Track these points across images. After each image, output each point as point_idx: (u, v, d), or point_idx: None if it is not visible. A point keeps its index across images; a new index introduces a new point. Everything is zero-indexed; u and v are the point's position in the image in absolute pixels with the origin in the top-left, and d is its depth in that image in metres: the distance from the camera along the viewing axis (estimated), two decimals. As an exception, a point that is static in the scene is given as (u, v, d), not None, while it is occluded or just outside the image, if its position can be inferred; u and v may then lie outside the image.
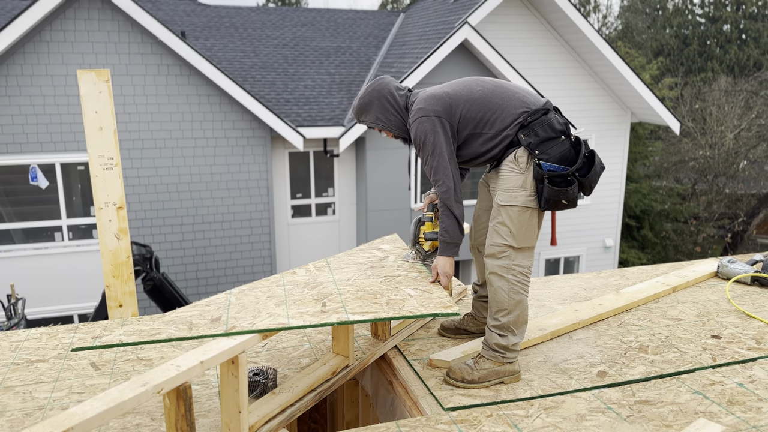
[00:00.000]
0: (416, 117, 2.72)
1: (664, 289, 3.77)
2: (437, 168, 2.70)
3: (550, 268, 13.92)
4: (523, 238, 2.69)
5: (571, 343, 3.17)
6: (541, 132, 2.62)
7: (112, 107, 3.38)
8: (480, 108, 2.70)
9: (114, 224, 3.47)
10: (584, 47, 12.55)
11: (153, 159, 11.02)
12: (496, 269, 2.71)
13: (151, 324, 2.35)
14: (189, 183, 11.26)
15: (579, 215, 13.72)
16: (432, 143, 2.68)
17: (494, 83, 2.77)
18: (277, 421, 2.42)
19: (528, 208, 2.67)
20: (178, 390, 2.00)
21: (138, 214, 11.09)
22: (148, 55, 10.61)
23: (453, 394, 2.68)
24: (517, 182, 2.66)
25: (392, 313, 2.44)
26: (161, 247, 11.32)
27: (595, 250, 14.13)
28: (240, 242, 11.69)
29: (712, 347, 3.11)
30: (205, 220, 11.46)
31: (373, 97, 2.83)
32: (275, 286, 2.73)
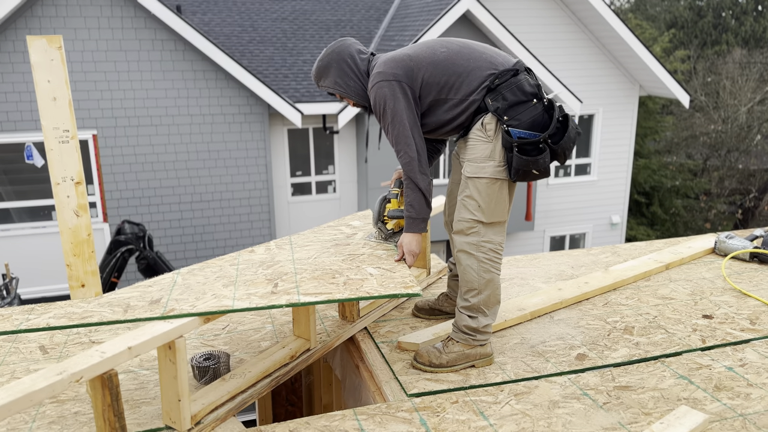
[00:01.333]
0: (375, 81, 2.50)
1: (656, 267, 3.56)
2: (398, 137, 2.49)
3: (555, 245, 13.69)
4: (493, 212, 2.49)
5: (552, 324, 2.99)
6: (509, 95, 2.40)
7: (66, 76, 3.18)
8: (444, 71, 2.48)
9: (73, 200, 3.30)
10: (591, 18, 12.16)
11: (149, 137, 10.86)
12: (465, 246, 2.52)
13: (85, 306, 2.19)
14: (186, 161, 11.10)
15: (585, 191, 13.46)
16: (392, 110, 2.47)
17: (460, 44, 2.55)
18: (225, 409, 2.26)
19: (497, 180, 2.46)
20: (102, 378, 1.84)
21: (135, 192, 10.97)
22: (141, 30, 10.39)
23: (419, 379, 2.51)
24: (484, 152, 2.45)
25: (348, 294, 2.26)
26: (159, 225, 11.21)
27: (602, 227, 13.87)
28: (239, 220, 11.56)
29: (703, 328, 2.91)
30: (204, 198, 11.32)
31: (331, 59, 2.60)
32: (228, 266, 2.56)
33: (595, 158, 13.35)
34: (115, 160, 10.77)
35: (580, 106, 11.97)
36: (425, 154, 2.54)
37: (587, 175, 13.46)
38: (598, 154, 13.31)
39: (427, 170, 2.55)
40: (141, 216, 11.08)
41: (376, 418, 2.25)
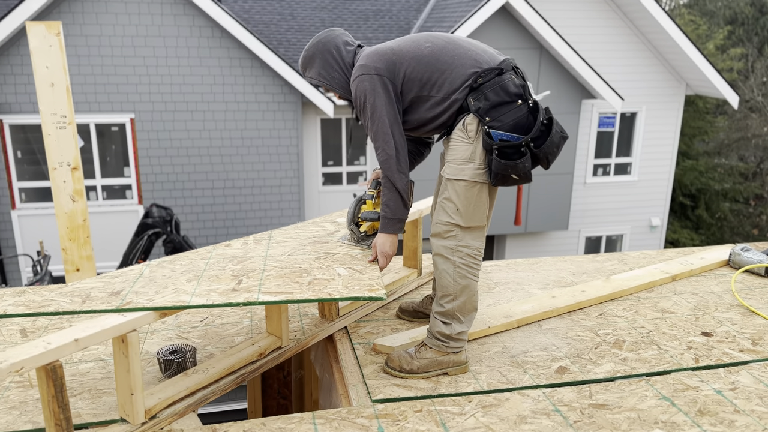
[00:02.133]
0: (356, 75, 2.41)
1: (661, 277, 3.39)
2: (377, 133, 2.40)
3: (591, 246, 13.35)
4: (472, 217, 2.39)
5: (539, 333, 2.87)
6: (492, 96, 2.29)
7: (65, 62, 3.22)
8: (427, 67, 2.38)
9: (69, 186, 3.34)
10: (636, 12, 11.73)
11: (185, 122, 11.02)
12: (441, 250, 2.43)
13: (47, 295, 2.20)
14: (220, 147, 11.24)
15: (623, 192, 13.06)
16: (371, 105, 2.38)
17: (446, 39, 2.44)
18: (183, 405, 2.24)
19: (476, 183, 2.36)
20: (46, 369, 1.84)
21: (170, 176, 11.17)
22: (180, 16, 10.53)
23: (388, 384, 2.44)
24: (464, 153, 2.35)
25: (309, 294, 2.20)
26: (192, 210, 11.40)
27: (641, 229, 13.44)
28: (270, 208, 11.65)
29: (699, 346, 2.75)
30: (236, 184, 11.45)
31: (316, 50, 2.51)
32: (199, 259, 2.54)
33: (636, 158, 12.93)
34: (151, 144, 10.98)
35: (621, 103, 11.60)
36: (405, 152, 2.45)
37: (627, 174, 13.06)
38: (639, 153, 12.88)
39: (407, 169, 2.46)
40: (174, 200, 11.29)
41: (333, 423, 2.19)
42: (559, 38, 10.95)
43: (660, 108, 12.69)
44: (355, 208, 2.68)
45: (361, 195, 2.70)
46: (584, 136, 12.49)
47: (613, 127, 12.69)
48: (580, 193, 12.79)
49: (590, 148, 12.61)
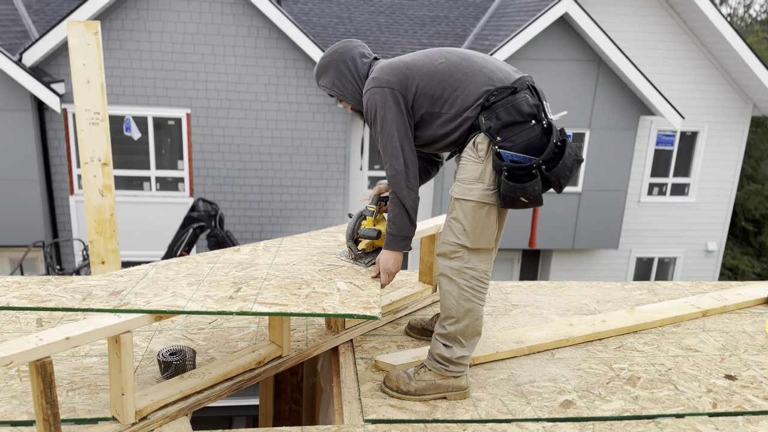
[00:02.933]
0: (368, 87, 2.38)
1: (690, 312, 3.22)
2: (385, 147, 2.36)
3: (642, 267, 12.89)
4: (479, 239, 2.32)
5: (550, 363, 2.76)
6: (503, 115, 2.22)
7: (101, 61, 3.31)
8: (439, 83, 2.32)
9: (98, 180, 3.43)
10: (703, 29, 11.27)
11: (238, 120, 11.25)
12: (447, 271, 2.36)
13: (51, 289, 2.25)
14: (270, 146, 11.41)
15: (679, 213, 12.56)
16: (381, 118, 2.34)
17: (461, 55, 2.38)
18: (176, 408, 2.25)
19: (485, 204, 2.28)
20: (36, 365, 1.87)
21: (221, 171, 11.41)
22: (239, 16, 10.75)
23: (383, 404, 2.40)
24: (474, 173, 2.28)
25: (304, 308, 2.18)
26: (240, 205, 11.62)
27: (696, 253, 12.89)
28: (315, 208, 11.76)
29: (720, 390, 2.58)
30: (283, 183, 11.60)
31: (332, 59, 2.50)
32: (205, 263, 2.55)
33: (695, 179, 12.41)
34: (204, 139, 11.24)
35: (681, 121, 11.16)
36: (415, 167, 2.40)
37: (685, 196, 12.55)
38: (698, 174, 12.36)
39: (416, 185, 2.40)
40: (224, 194, 11.53)
41: (320, 439, 2.16)
42: (619, 52, 10.63)
43: (723, 128, 12.15)
44: (355, 223, 2.62)
45: (362, 210, 2.65)
46: (641, 153, 12.08)
47: (672, 146, 12.22)
48: (633, 211, 12.37)
49: (647, 166, 12.18)
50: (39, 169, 10.84)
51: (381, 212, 2.63)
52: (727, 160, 12.35)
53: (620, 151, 11.54)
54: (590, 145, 11.47)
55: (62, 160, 11.11)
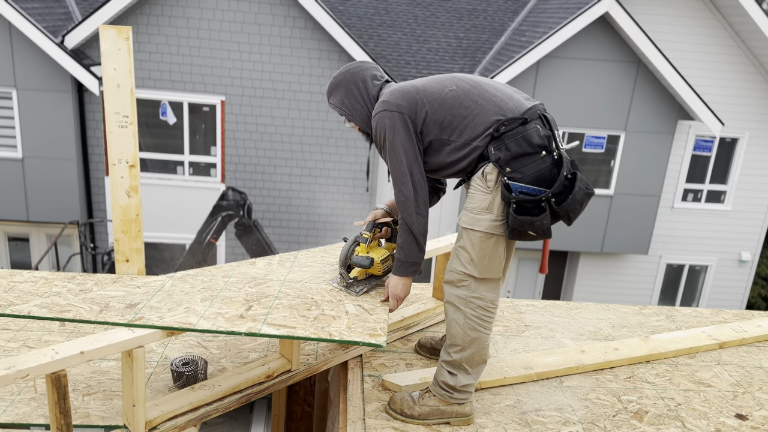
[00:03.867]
0: (378, 111, 2.37)
1: (706, 343, 3.17)
2: (394, 172, 2.36)
3: (672, 274, 12.66)
4: (486, 269, 2.32)
5: (558, 391, 2.76)
6: (513, 146, 2.20)
7: (131, 66, 3.38)
8: (449, 111, 2.31)
9: (126, 181, 3.52)
10: (748, 32, 10.92)
11: (271, 108, 11.34)
12: (453, 299, 2.37)
13: (70, 299, 2.33)
14: (301, 136, 11.49)
15: (714, 221, 12.27)
16: (391, 142, 2.33)
17: (471, 83, 2.35)
18: (185, 419, 2.33)
19: (493, 235, 2.28)
20: (52, 378, 1.95)
21: (252, 159, 11.54)
22: (276, 5, 10.80)
23: (386, 426, 2.43)
24: (482, 203, 2.27)
25: (311, 332, 2.22)
26: (269, 193, 11.74)
27: (729, 262, 12.60)
28: (342, 199, 11.82)
29: (728, 430, 2.55)
30: (312, 173, 11.68)
31: (343, 79, 2.50)
32: (220, 277, 2.61)
33: (732, 186, 12.11)
34: (237, 126, 11.37)
35: (720, 128, 10.88)
36: (425, 192, 2.39)
37: (720, 203, 12.25)
38: (736, 182, 12.05)
39: (425, 211, 2.40)
40: (254, 182, 11.67)
41: (322, 460, 2.21)
42: (659, 54, 10.38)
43: (765, 136, 11.80)
44: (348, 250, 2.57)
45: (356, 236, 2.61)
46: (677, 158, 11.82)
47: (710, 152, 11.93)
48: (666, 217, 12.14)
49: (682, 171, 11.92)
50: (77, 149, 11.12)
51: (375, 239, 2.62)
52: (767, 168, 12.01)
53: (656, 155, 11.31)
54: (625, 148, 11.27)
55: (99, 141, 11.37)
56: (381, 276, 2.64)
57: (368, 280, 2.60)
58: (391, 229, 2.69)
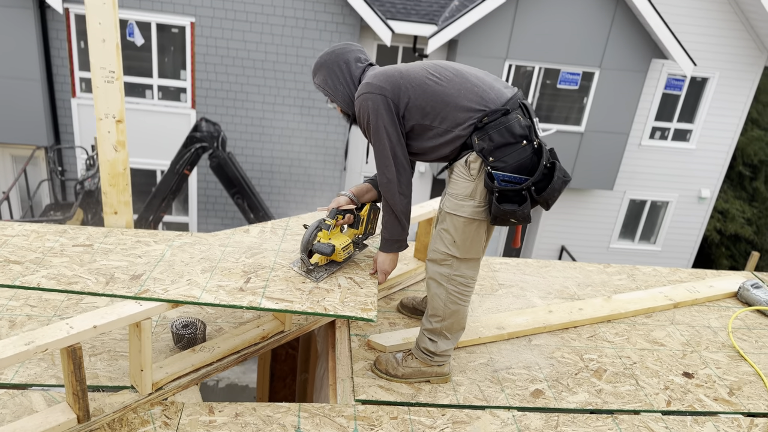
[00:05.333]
0: (361, 93, 2.43)
1: (662, 304, 3.46)
2: (378, 155, 2.45)
3: (634, 209, 13.13)
4: (468, 250, 2.49)
5: (527, 349, 3.03)
6: (496, 137, 2.31)
7: (116, 20, 3.33)
8: (431, 97, 2.38)
9: (113, 136, 3.54)
10: (728, -29, 10.90)
11: (243, 32, 11.04)
12: (436, 276, 2.55)
13: (77, 270, 2.44)
14: (275, 62, 11.27)
15: (678, 159, 12.65)
16: (374, 125, 2.40)
17: (454, 71, 2.43)
18: (187, 379, 2.52)
19: (475, 220, 2.44)
20: (68, 351, 2.10)
21: (224, 84, 11.33)
22: None
23: (372, 384, 2.67)
24: (465, 190, 2.41)
25: (307, 306, 2.39)
26: (242, 121, 11.62)
27: (689, 198, 13.11)
28: (316, 129, 11.78)
29: (675, 388, 2.87)
30: (286, 102, 11.55)
31: (328, 59, 2.55)
32: (217, 246, 2.74)
33: (698, 126, 12.41)
34: (208, 50, 11.08)
35: (692, 68, 11.03)
36: (408, 174, 2.50)
37: (685, 142, 12.59)
38: (702, 122, 12.35)
39: (408, 191, 2.51)
40: (226, 108, 11.50)
41: (316, 418, 2.44)
42: (637, -9, 10.34)
43: (734, 77, 12.01)
44: (310, 236, 2.60)
45: (319, 221, 2.64)
46: (648, 96, 12.01)
47: (681, 91, 12.13)
48: (633, 154, 12.46)
49: (652, 109, 12.14)
50: (40, 69, 10.74)
51: (337, 226, 2.68)
52: (733, 109, 12.31)
53: (628, 93, 11.47)
54: (598, 86, 11.38)
55: (63, 61, 10.98)
56: (342, 263, 2.70)
57: (329, 266, 2.66)
58: (354, 216, 2.76)
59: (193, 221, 12.38)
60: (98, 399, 2.36)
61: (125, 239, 3.45)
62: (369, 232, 2.84)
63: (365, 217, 2.78)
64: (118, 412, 2.33)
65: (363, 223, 2.78)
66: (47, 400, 2.36)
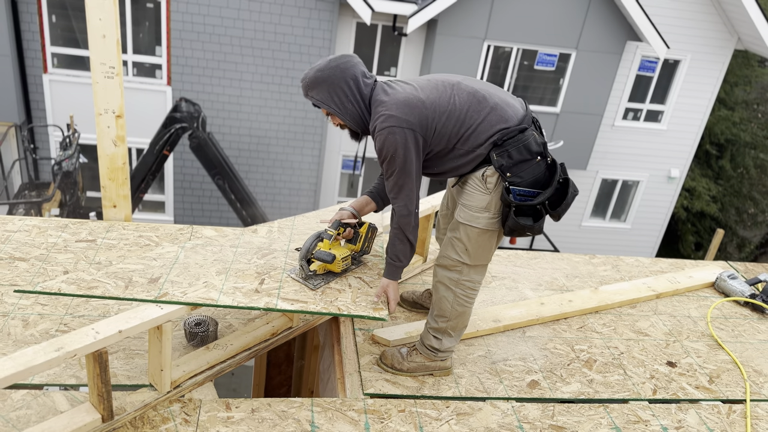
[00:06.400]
0: (387, 125, 2.39)
1: (646, 295, 3.66)
2: (402, 188, 2.47)
3: (606, 188, 13.46)
4: (479, 257, 2.61)
5: (521, 341, 3.19)
6: (515, 154, 2.41)
7: (117, 16, 3.32)
8: (456, 121, 2.43)
9: (112, 131, 3.56)
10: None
11: (220, 8, 10.87)
12: (445, 280, 2.66)
13: (95, 274, 2.50)
14: (252, 39, 11.15)
15: (649, 139, 12.97)
16: (402, 159, 2.40)
17: (469, 90, 2.47)
18: (203, 376, 2.62)
19: (488, 230, 2.55)
20: (95, 355, 2.17)
21: (200, 61, 11.18)
22: None
23: (379, 378, 2.80)
24: (481, 202, 2.50)
25: (321, 306, 2.50)
26: (219, 98, 11.50)
27: (659, 178, 13.47)
28: (295, 108, 11.74)
29: (660, 377, 3.07)
30: (264, 79, 11.46)
31: (331, 75, 2.44)
32: (228, 247, 2.82)
33: (669, 107, 12.72)
34: (184, 26, 10.90)
35: (666, 51, 11.26)
36: (419, 207, 2.56)
37: (657, 122, 12.90)
38: (674, 103, 12.65)
39: (418, 222, 2.59)
40: (202, 86, 11.37)
41: (328, 413, 2.57)
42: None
43: (705, 59, 12.30)
44: (311, 244, 2.65)
45: (319, 232, 2.70)
46: (622, 77, 12.23)
47: (653, 72, 12.38)
48: (606, 134, 12.72)
49: (626, 90, 12.39)
50: (10, 44, 10.45)
51: (338, 239, 2.74)
52: (703, 91, 12.62)
53: (603, 75, 11.67)
54: (575, 67, 11.55)
55: (34, 35, 10.70)
56: (339, 274, 2.74)
57: (326, 276, 2.70)
58: (354, 231, 2.80)
59: (169, 200, 12.30)
60: (119, 398, 2.44)
61: (127, 234, 3.50)
62: (365, 250, 2.87)
63: (363, 234, 2.82)
64: (139, 410, 2.42)
65: (361, 240, 2.82)
66: (69, 399, 2.43)
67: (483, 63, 11.48)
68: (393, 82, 2.53)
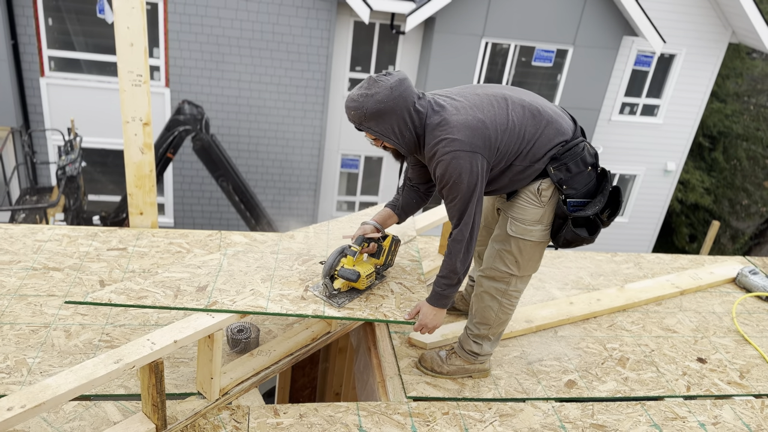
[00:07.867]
0: (450, 149, 2.28)
1: (670, 291, 3.71)
2: (462, 213, 2.37)
3: (603, 181, 13.54)
4: (528, 268, 2.63)
5: (554, 340, 3.23)
6: (573, 167, 2.40)
7: (144, 25, 3.32)
8: (516, 139, 2.40)
9: (140, 138, 3.56)
10: (697, -49, 11.17)
11: (218, 9, 10.83)
12: (492, 290, 2.67)
13: (142, 284, 2.51)
14: (250, 39, 11.11)
15: (646, 133, 13.07)
16: (467, 184, 2.31)
17: (522, 103, 2.43)
18: (249, 383, 2.63)
19: (541, 242, 2.57)
20: (151, 366, 2.19)
21: (198, 63, 11.13)
22: None
23: (419, 381, 2.83)
24: (534, 216, 2.50)
25: (368, 313, 2.52)
26: (217, 99, 11.46)
27: (655, 172, 13.58)
28: (294, 107, 11.72)
29: (693, 373, 3.12)
30: (262, 80, 11.44)
31: (396, 105, 2.29)
32: (269, 253, 2.83)
33: (665, 101, 12.82)
34: (182, 27, 10.85)
35: (662, 45, 11.35)
36: (476, 235, 2.45)
37: (653, 117, 13.00)
38: (669, 97, 12.76)
39: (472, 251, 2.46)
40: (201, 87, 11.32)
41: (374, 416, 2.59)
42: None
43: (700, 53, 12.40)
44: (335, 260, 2.57)
45: (343, 247, 2.62)
46: (618, 72, 12.31)
47: (649, 67, 12.47)
48: (603, 129, 12.81)
49: (622, 85, 12.47)
50: (6, 48, 10.36)
51: (361, 254, 2.67)
52: (698, 84, 12.73)
53: (600, 70, 11.74)
54: (572, 63, 11.62)
55: (31, 39, 10.61)
56: (363, 290, 2.68)
57: (350, 293, 2.63)
58: (378, 245, 2.74)
59: (168, 202, 12.25)
60: (169, 407, 2.45)
61: (157, 241, 3.51)
62: (389, 263, 2.83)
63: (387, 248, 2.77)
64: (190, 418, 2.44)
65: (384, 254, 2.77)
66: (121, 410, 2.44)
67: (481, 60, 11.51)
68: (439, 98, 2.41)
